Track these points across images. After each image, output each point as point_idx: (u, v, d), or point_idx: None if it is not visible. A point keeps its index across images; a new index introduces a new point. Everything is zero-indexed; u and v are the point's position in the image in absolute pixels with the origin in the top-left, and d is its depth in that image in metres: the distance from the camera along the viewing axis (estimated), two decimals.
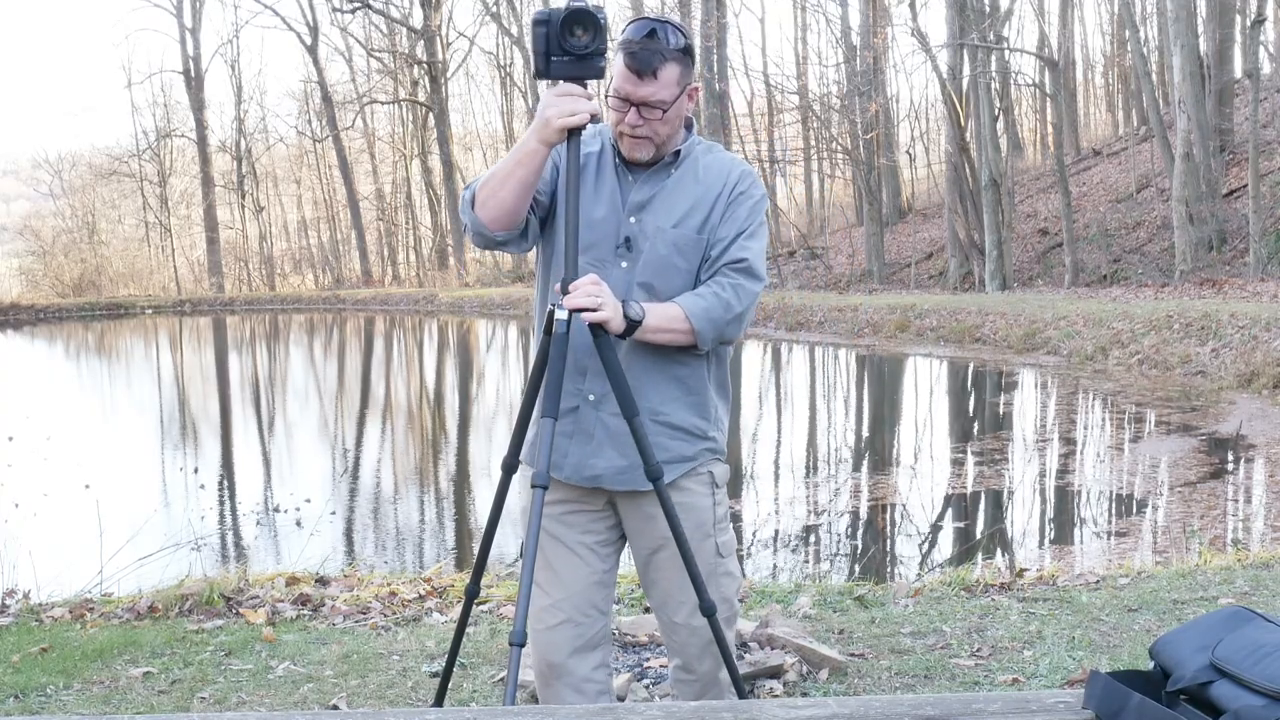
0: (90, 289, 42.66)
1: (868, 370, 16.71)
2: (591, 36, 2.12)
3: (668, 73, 2.18)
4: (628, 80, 2.18)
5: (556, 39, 2.12)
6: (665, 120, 2.22)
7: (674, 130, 2.27)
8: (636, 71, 2.16)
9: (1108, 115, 36.25)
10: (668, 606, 2.41)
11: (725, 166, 2.34)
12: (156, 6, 45.28)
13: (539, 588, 2.37)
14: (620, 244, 2.29)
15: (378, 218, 44.69)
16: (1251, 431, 9.32)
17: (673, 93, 2.20)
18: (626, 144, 2.26)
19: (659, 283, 2.29)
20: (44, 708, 3.43)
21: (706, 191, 2.31)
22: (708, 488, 2.40)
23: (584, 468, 2.32)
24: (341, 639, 4.00)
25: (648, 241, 2.28)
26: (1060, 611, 3.98)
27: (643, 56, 2.16)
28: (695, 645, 2.39)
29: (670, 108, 2.21)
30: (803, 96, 33.68)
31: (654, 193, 2.29)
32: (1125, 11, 25.20)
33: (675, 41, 2.18)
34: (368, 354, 24.86)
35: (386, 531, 7.94)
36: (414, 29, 37.50)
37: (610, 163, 2.31)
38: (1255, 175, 17.89)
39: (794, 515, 7.73)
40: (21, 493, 8.49)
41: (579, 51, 2.12)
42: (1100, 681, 1.42)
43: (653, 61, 2.16)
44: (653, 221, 2.28)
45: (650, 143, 2.25)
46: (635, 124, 2.21)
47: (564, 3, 2.15)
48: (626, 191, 2.30)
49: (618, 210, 2.29)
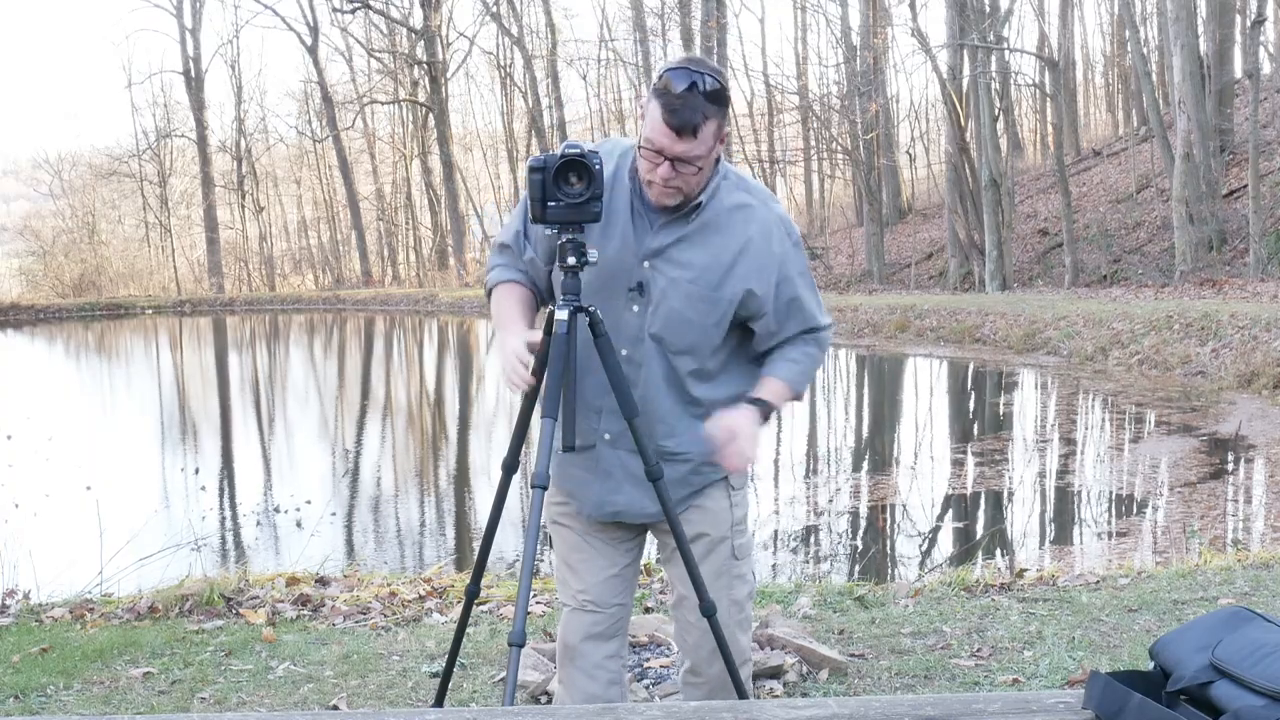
0: (90, 289, 42.65)
1: (868, 370, 16.71)
2: (586, 184, 2.09)
3: (707, 131, 2.09)
4: (664, 135, 2.08)
5: (552, 185, 2.10)
6: (699, 172, 2.15)
7: (702, 180, 2.19)
8: (676, 130, 2.07)
9: (1108, 115, 36.25)
10: (683, 606, 2.42)
11: (751, 217, 2.25)
12: (156, 6, 45.35)
13: (570, 570, 2.41)
14: (633, 288, 2.22)
15: (378, 218, 44.69)
16: (1251, 431, 9.32)
17: (710, 146, 2.12)
18: (655, 191, 2.17)
19: (670, 336, 2.24)
20: (44, 708, 3.43)
21: (727, 243, 2.22)
22: (724, 490, 2.40)
23: (605, 504, 2.34)
24: (341, 639, 4.00)
25: (661, 292, 2.21)
26: (1060, 612, 3.97)
27: (684, 115, 2.06)
28: (707, 647, 2.39)
29: (706, 163, 2.14)
30: (803, 96, 33.68)
31: (672, 240, 2.21)
32: (1125, 11, 25.20)
33: (717, 99, 2.09)
34: (367, 354, 24.85)
35: (386, 532, 7.94)
36: (414, 29, 37.50)
37: (626, 196, 2.23)
38: (1255, 175, 17.88)
39: (794, 515, 7.73)
40: (22, 493, 8.49)
41: (574, 199, 2.10)
42: (1100, 682, 1.42)
43: (694, 119, 2.06)
44: (668, 272, 2.21)
45: (680, 193, 2.18)
46: (668, 177, 2.13)
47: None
48: (643, 233, 2.22)
49: (631, 251, 2.22)
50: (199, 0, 41.62)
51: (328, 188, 46.48)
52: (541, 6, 37.20)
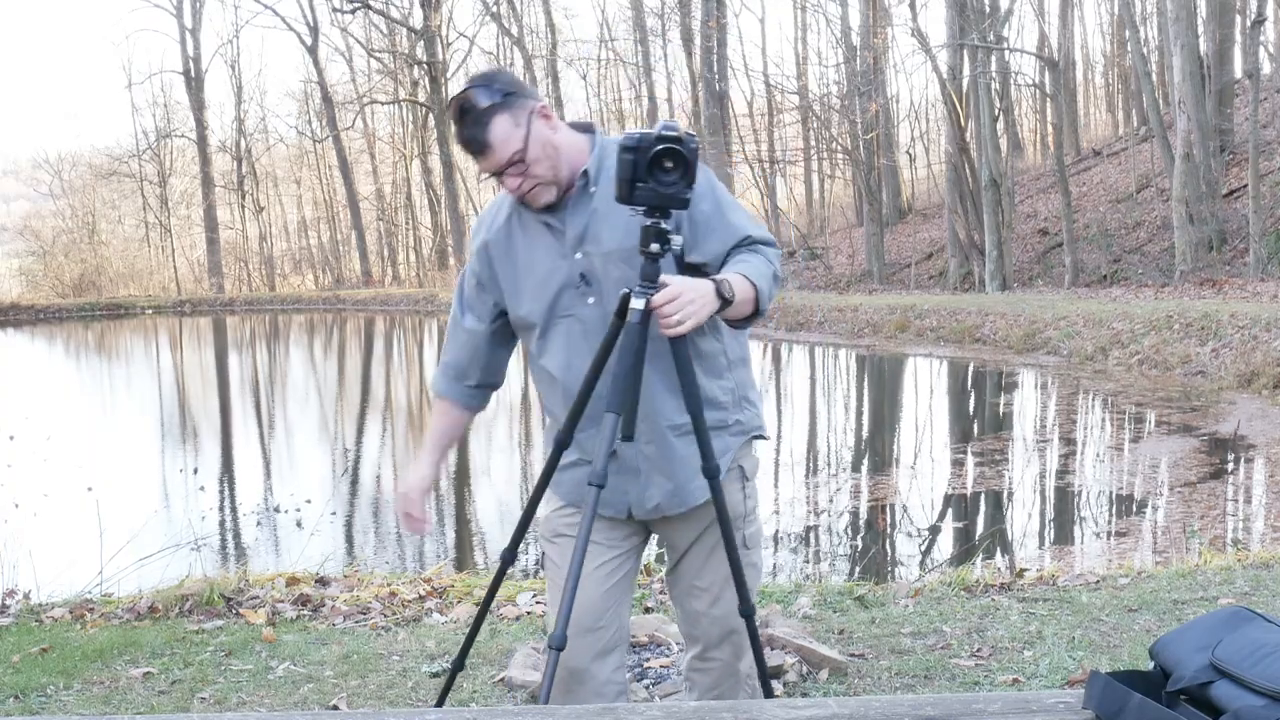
0: (90, 289, 42.68)
1: (868, 370, 16.71)
2: (681, 173, 2.05)
3: (498, 130, 2.12)
4: (478, 161, 2.18)
5: (645, 168, 2.05)
6: (538, 160, 2.16)
7: (557, 157, 2.19)
8: (475, 152, 2.15)
9: (1108, 115, 36.25)
10: (691, 596, 2.42)
11: None
12: (156, 7, 45.36)
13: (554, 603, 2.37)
14: (578, 284, 2.23)
15: (378, 218, 44.71)
16: (1251, 431, 9.32)
17: (519, 139, 2.13)
18: (529, 201, 2.22)
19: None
20: (44, 708, 3.43)
21: None
22: (739, 482, 2.41)
23: (644, 500, 2.33)
24: (341, 639, 4.00)
25: (603, 269, 2.22)
26: (1060, 612, 3.97)
27: (468, 139, 2.14)
28: (716, 633, 2.41)
29: (529, 150, 2.15)
30: (803, 96, 33.69)
31: (587, 220, 2.23)
32: (1125, 11, 25.20)
33: (489, 99, 2.12)
34: (367, 355, 24.86)
35: (387, 531, 7.94)
36: (414, 29, 37.49)
37: (530, 215, 2.26)
38: (1255, 175, 17.89)
39: (794, 515, 7.73)
40: (22, 493, 8.49)
41: (665, 186, 2.06)
42: (1100, 682, 1.42)
43: (478, 136, 2.12)
44: (596, 249, 2.22)
45: (545, 186, 2.19)
46: (516, 185, 2.18)
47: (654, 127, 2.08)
48: (559, 233, 2.24)
49: (561, 254, 2.24)
50: (199, 0, 41.66)
51: (328, 188, 46.50)
52: (541, 6, 37.24)
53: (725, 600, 2.39)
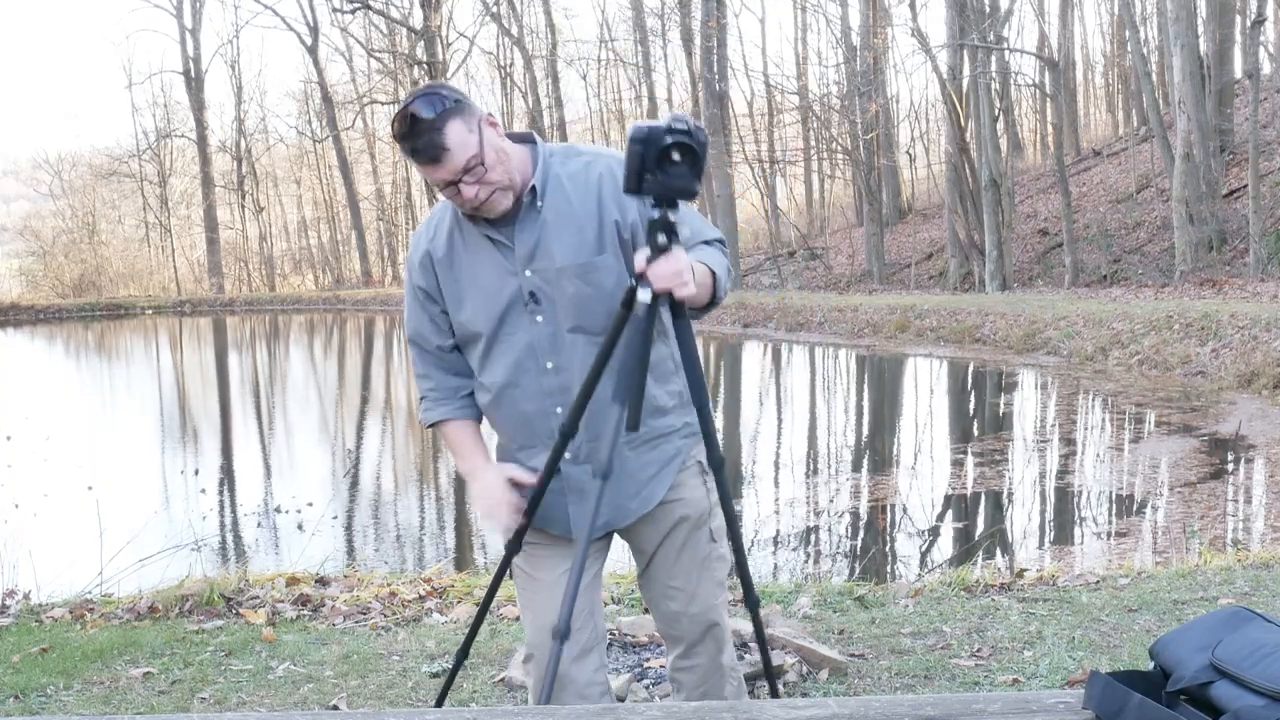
0: (90, 289, 42.71)
1: (868, 370, 16.71)
2: (690, 164, 2.03)
3: (454, 135, 2.08)
4: (431, 171, 2.10)
5: (654, 160, 2.03)
6: (494, 165, 2.13)
7: (509, 163, 2.17)
8: (431, 160, 2.08)
9: (1108, 115, 36.27)
10: (667, 598, 2.40)
11: (587, 170, 2.24)
12: (156, 7, 45.43)
13: (529, 610, 2.37)
14: (527, 301, 2.20)
15: (378, 218, 44.72)
16: (1251, 431, 9.32)
17: (474, 143, 2.10)
18: (484, 210, 2.17)
19: (586, 321, 2.20)
20: (44, 708, 3.43)
21: (584, 204, 2.21)
22: (699, 477, 2.39)
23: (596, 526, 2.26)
24: (341, 639, 4.00)
25: (552, 287, 2.19)
26: (1060, 612, 3.97)
27: (423, 147, 2.07)
28: (696, 631, 2.41)
29: (485, 154, 2.12)
30: (803, 97, 33.70)
31: (536, 236, 2.20)
32: (1125, 12, 25.21)
33: (436, 109, 2.09)
34: (367, 355, 24.86)
35: (387, 532, 7.94)
36: (414, 29, 37.47)
37: (473, 231, 2.22)
38: (1255, 175, 17.89)
39: (794, 515, 7.73)
40: (22, 493, 8.49)
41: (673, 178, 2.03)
42: (1100, 682, 1.42)
43: (434, 141, 2.07)
44: (549, 265, 2.19)
45: (502, 192, 2.16)
46: (473, 194, 2.12)
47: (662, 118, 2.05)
48: (506, 252, 2.21)
49: (510, 270, 2.20)
50: (199, 0, 41.68)
51: (328, 188, 46.52)
52: (541, 6, 37.27)
53: (701, 597, 2.38)
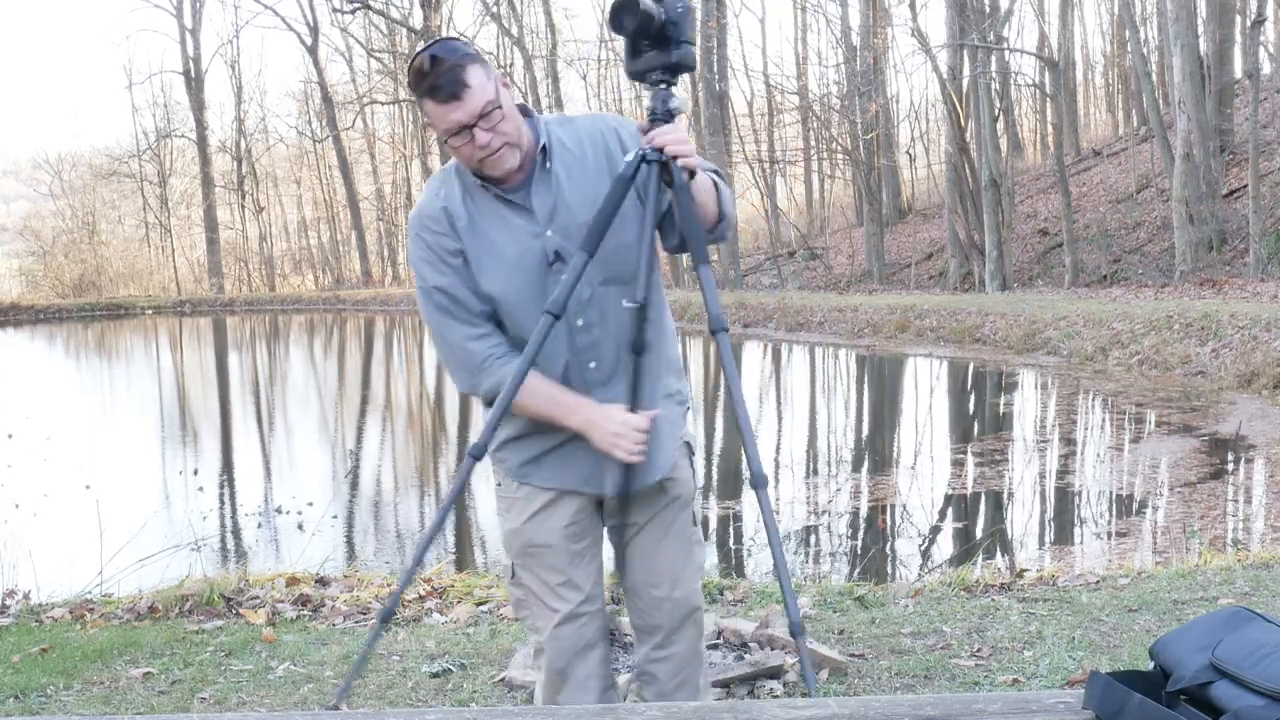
0: (90, 289, 42.71)
1: (868, 371, 16.71)
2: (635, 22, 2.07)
3: (475, 76, 2.08)
4: (449, 111, 2.07)
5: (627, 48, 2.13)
6: (507, 116, 2.13)
7: (518, 123, 2.16)
8: (452, 96, 2.06)
9: (1108, 115, 36.26)
10: (650, 584, 2.36)
11: (591, 126, 2.26)
12: (156, 7, 45.44)
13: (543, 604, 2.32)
14: (552, 260, 2.18)
15: (378, 218, 44.72)
16: (1251, 431, 9.32)
17: (493, 89, 2.10)
18: (491, 166, 2.14)
19: (616, 271, 2.19)
20: (44, 708, 3.43)
21: (596, 159, 2.22)
22: (688, 457, 2.39)
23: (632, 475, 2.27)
24: (341, 639, 4.00)
25: (576, 244, 2.16)
26: (1060, 612, 3.97)
27: (444, 84, 2.06)
28: (678, 616, 2.37)
29: (503, 102, 2.12)
30: (803, 97, 33.70)
31: (553, 196, 2.19)
32: (1125, 12, 25.20)
33: (460, 50, 2.08)
34: (368, 355, 24.86)
35: (387, 532, 7.94)
36: (414, 29, 37.46)
37: (490, 200, 2.20)
38: (1255, 175, 17.89)
39: (794, 515, 7.73)
40: (21, 493, 8.49)
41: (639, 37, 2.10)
42: (1100, 682, 1.42)
43: (457, 78, 2.05)
44: (570, 222, 2.18)
45: (511, 148, 2.15)
46: (487, 141, 2.10)
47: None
48: (525, 215, 2.19)
49: (533, 233, 2.19)
50: (199, 0, 41.68)
51: (328, 188, 46.51)
52: (541, 6, 37.23)
53: (685, 580, 2.37)
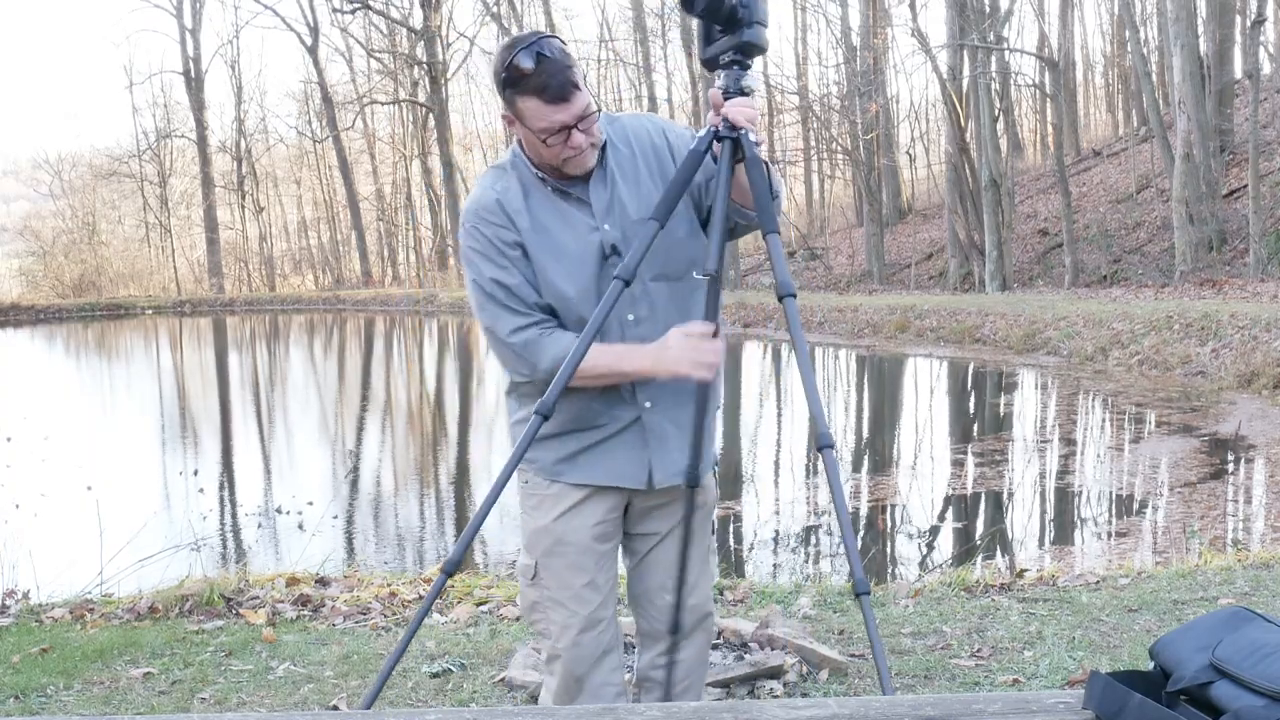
0: (90, 289, 42.69)
1: (868, 371, 16.71)
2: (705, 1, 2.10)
3: (580, 80, 2.11)
4: (554, 111, 2.08)
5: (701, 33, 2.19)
6: (595, 119, 2.15)
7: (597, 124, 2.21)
8: (560, 98, 2.07)
9: (1108, 115, 36.26)
10: (667, 588, 2.36)
11: (637, 124, 2.30)
12: (156, 7, 45.42)
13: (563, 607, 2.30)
14: (609, 254, 2.19)
15: (378, 218, 44.72)
16: (1251, 431, 9.32)
17: (589, 94, 2.13)
18: (576, 165, 2.16)
19: (668, 267, 2.22)
20: (44, 708, 3.43)
21: (645, 157, 2.25)
22: (712, 468, 2.42)
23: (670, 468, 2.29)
24: (341, 639, 4.00)
25: (633, 235, 2.18)
26: (1060, 612, 3.98)
27: (556, 84, 2.06)
28: (692, 622, 2.39)
29: (595, 108, 2.15)
30: (803, 97, 33.70)
31: (609, 191, 2.21)
32: (1125, 12, 25.20)
33: (565, 51, 2.09)
34: (368, 355, 24.85)
35: (387, 532, 7.94)
36: (414, 29, 37.48)
37: (548, 195, 2.21)
38: (1255, 175, 17.89)
39: (794, 515, 7.73)
40: (21, 493, 8.49)
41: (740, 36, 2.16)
42: (1100, 682, 1.42)
43: (569, 79, 2.07)
44: (627, 217, 2.20)
45: (594, 148, 2.18)
46: (581, 142, 2.12)
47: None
48: (583, 210, 2.21)
49: (591, 227, 2.20)
50: (199, 0, 41.67)
51: (328, 188, 46.51)
52: (541, 6, 37.22)
53: (701, 587, 2.38)
